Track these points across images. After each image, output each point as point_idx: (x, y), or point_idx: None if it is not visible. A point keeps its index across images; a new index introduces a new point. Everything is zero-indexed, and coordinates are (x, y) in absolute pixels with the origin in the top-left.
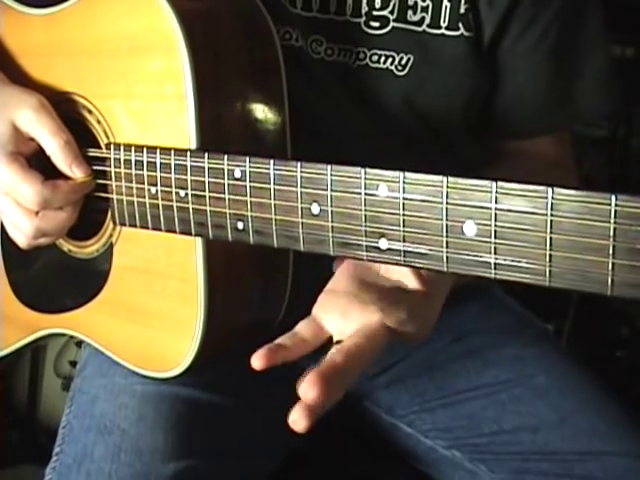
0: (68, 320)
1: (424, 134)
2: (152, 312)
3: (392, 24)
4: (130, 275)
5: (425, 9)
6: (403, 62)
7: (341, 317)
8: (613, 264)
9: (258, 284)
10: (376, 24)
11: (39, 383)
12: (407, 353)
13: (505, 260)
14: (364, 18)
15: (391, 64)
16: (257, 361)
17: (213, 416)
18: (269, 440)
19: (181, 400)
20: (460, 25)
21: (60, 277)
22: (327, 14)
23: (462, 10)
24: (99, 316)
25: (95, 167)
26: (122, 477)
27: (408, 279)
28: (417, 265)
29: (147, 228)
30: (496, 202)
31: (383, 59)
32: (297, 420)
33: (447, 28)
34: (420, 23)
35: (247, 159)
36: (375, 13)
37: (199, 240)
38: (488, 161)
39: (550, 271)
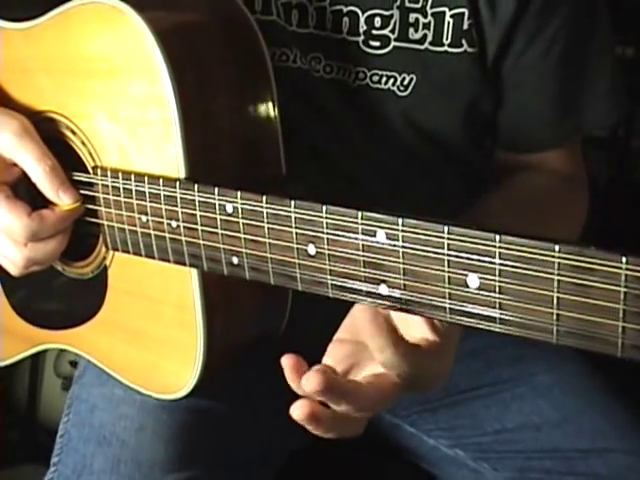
0: (69, 337)
1: (427, 151)
2: (151, 336)
3: (393, 43)
4: (126, 298)
5: (427, 26)
6: (405, 82)
7: (352, 369)
8: (624, 327)
9: (258, 304)
10: (376, 43)
11: (39, 383)
12: None
13: (511, 316)
14: (362, 37)
15: (393, 85)
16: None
17: (213, 425)
18: (270, 447)
19: (181, 409)
20: (463, 42)
21: (58, 295)
22: (324, 31)
23: (465, 26)
24: (99, 336)
25: (83, 191)
26: None
27: (422, 330)
28: (420, 314)
29: (140, 255)
30: (500, 257)
31: (384, 80)
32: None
33: (450, 45)
34: (422, 41)
35: (238, 194)
36: (375, 32)
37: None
38: (497, 180)
39: (558, 330)
